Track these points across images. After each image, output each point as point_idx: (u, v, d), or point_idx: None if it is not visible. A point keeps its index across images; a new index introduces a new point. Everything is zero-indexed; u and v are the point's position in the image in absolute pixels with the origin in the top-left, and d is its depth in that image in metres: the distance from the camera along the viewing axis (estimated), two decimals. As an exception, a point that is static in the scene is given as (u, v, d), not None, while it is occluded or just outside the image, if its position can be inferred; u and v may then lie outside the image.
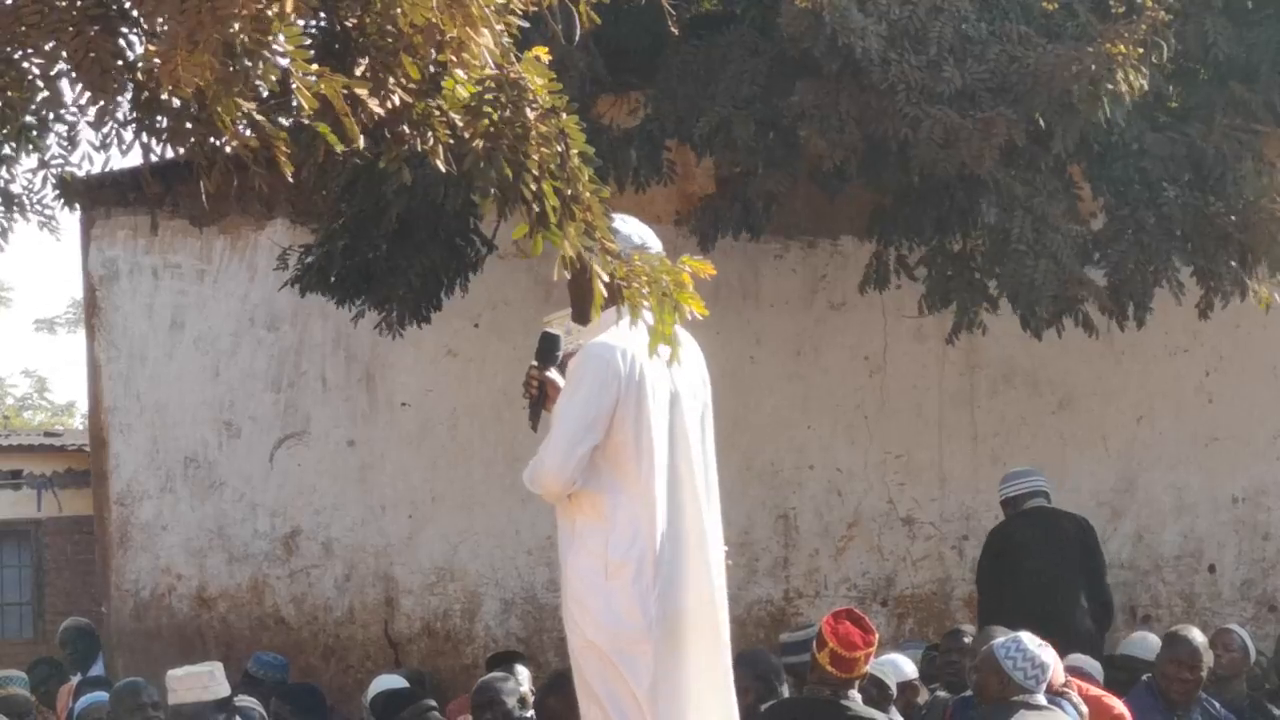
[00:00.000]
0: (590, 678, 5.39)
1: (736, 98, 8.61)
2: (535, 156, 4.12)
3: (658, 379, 5.38)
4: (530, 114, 4.12)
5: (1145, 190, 8.92)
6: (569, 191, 4.20)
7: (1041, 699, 6.30)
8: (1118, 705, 7.05)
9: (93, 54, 3.99)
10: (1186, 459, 11.37)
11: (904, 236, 9.51)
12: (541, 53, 4.32)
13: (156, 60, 3.89)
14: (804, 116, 8.36)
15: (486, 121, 4.09)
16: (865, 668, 6.30)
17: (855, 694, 6.27)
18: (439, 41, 4.04)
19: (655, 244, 5.41)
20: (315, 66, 3.89)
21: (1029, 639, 6.40)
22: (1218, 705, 7.61)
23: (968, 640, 7.94)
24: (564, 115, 4.25)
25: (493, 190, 4.14)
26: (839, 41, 8.04)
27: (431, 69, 4.16)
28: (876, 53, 8.14)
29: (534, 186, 4.15)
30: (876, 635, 6.34)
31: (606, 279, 4.37)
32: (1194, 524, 11.38)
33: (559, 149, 4.17)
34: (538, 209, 4.18)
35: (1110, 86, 8.08)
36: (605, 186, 4.42)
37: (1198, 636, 7.58)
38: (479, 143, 4.09)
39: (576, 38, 5.13)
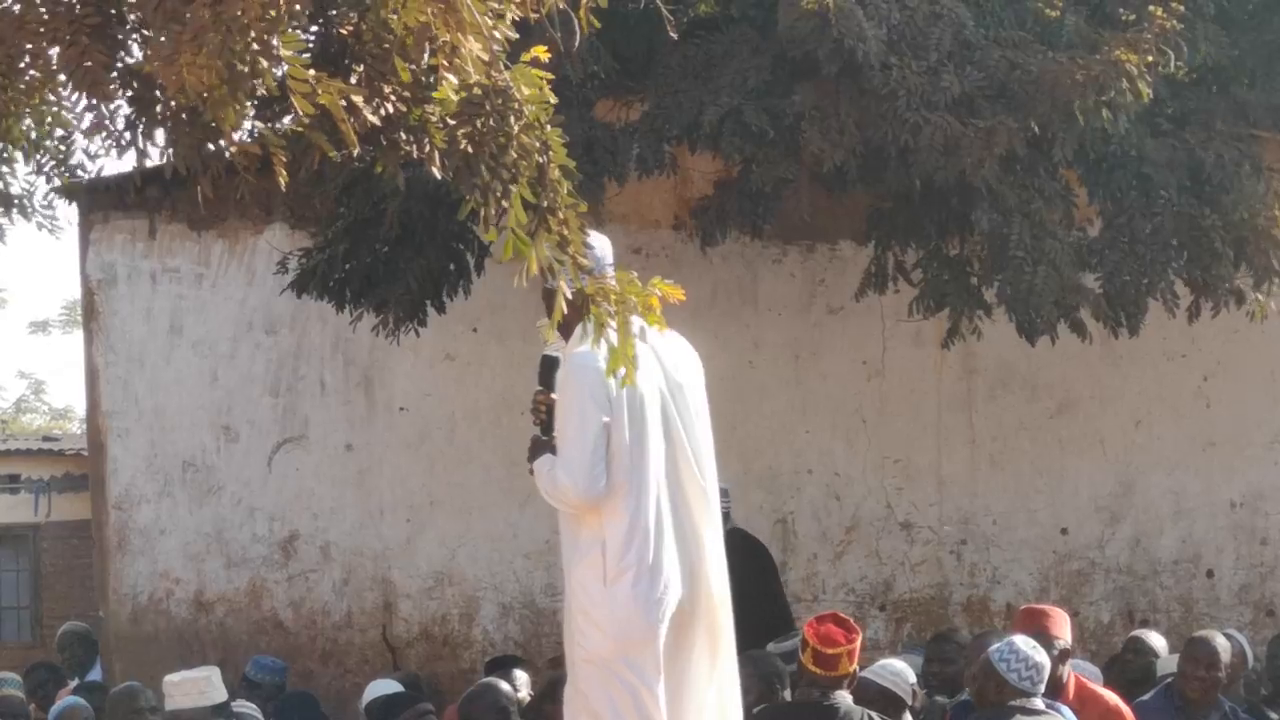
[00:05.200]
0: (589, 691, 5.38)
1: (743, 90, 8.62)
2: (514, 168, 4.12)
3: (648, 379, 5.38)
4: (515, 124, 4.11)
5: (1142, 198, 8.92)
6: (544, 203, 4.19)
7: (1039, 703, 6.32)
8: (1112, 697, 7.07)
9: (88, 62, 4.00)
10: (1184, 463, 11.37)
11: (902, 240, 9.51)
12: (540, 52, 4.31)
13: (156, 65, 3.89)
14: (804, 117, 8.37)
15: (471, 128, 4.08)
16: (851, 666, 6.32)
17: (845, 694, 6.28)
18: (430, 45, 4.04)
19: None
20: (312, 72, 3.89)
21: (1023, 642, 6.42)
22: (1237, 710, 7.64)
23: (950, 646, 7.98)
24: (548, 127, 4.24)
25: (475, 193, 4.13)
26: (844, 44, 8.05)
27: (423, 73, 4.16)
28: (876, 57, 8.15)
29: (505, 196, 4.14)
30: (859, 634, 6.38)
31: (569, 295, 4.36)
32: (1192, 528, 11.38)
33: (540, 160, 4.16)
34: (509, 219, 4.17)
35: (1114, 95, 8.09)
36: (593, 196, 4.42)
37: (1219, 639, 7.66)
38: (465, 146, 4.09)
39: (576, 43, 5.14)
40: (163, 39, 3.89)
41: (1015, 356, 10.85)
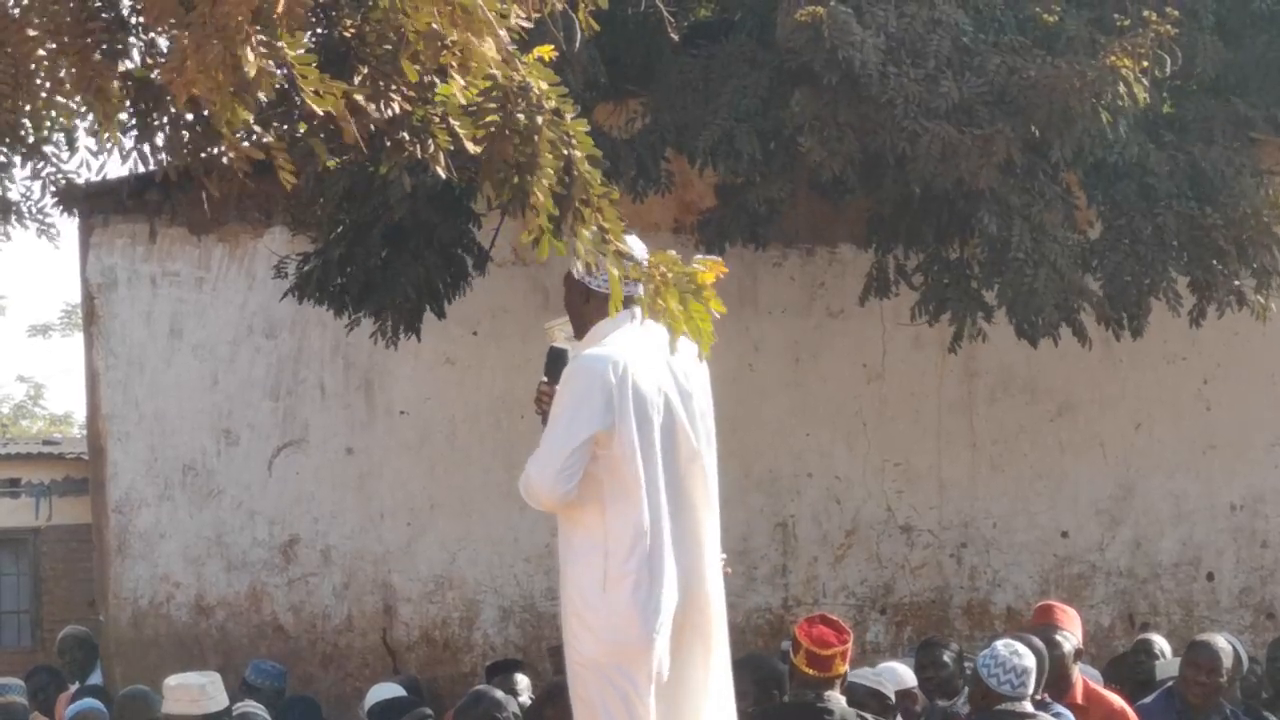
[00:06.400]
0: (583, 693, 5.36)
1: (738, 110, 8.60)
2: (541, 160, 4.11)
3: (654, 384, 5.35)
4: (538, 118, 4.10)
5: (1142, 201, 8.93)
6: (581, 195, 4.18)
7: (1028, 705, 6.36)
8: (1117, 700, 7.08)
9: (91, 73, 4.01)
10: (1184, 466, 11.38)
11: (902, 245, 9.52)
12: (545, 52, 4.30)
13: (160, 72, 3.88)
14: (803, 127, 8.37)
15: (491, 127, 4.07)
16: (844, 666, 6.33)
17: (837, 695, 6.28)
18: (441, 46, 4.03)
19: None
20: (315, 75, 3.89)
21: (1005, 648, 6.45)
22: (1238, 713, 7.64)
23: (938, 652, 7.98)
24: (569, 118, 4.23)
25: (504, 187, 4.12)
26: (839, 55, 8.04)
27: (432, 75, 4.15)
28: (874, 65, 8.14)
29: (540, 191, 4.13)
30: (850, 635, 6.39)
31: (621, 281, 4.35)
32: (1192, 531, 11.39)
33: (565, 152, 4.15)
34: (545, 214, 4.16)
35: (1112, 99, 8.09)
36: (614, 188, 4.39)
37: (1220, 642, 7.65)
38: (481, 147, 4.08)
39: (577, 44, 5.12)
40: (168, 48, 3.89)
41: (1015, 360, 10.86)
